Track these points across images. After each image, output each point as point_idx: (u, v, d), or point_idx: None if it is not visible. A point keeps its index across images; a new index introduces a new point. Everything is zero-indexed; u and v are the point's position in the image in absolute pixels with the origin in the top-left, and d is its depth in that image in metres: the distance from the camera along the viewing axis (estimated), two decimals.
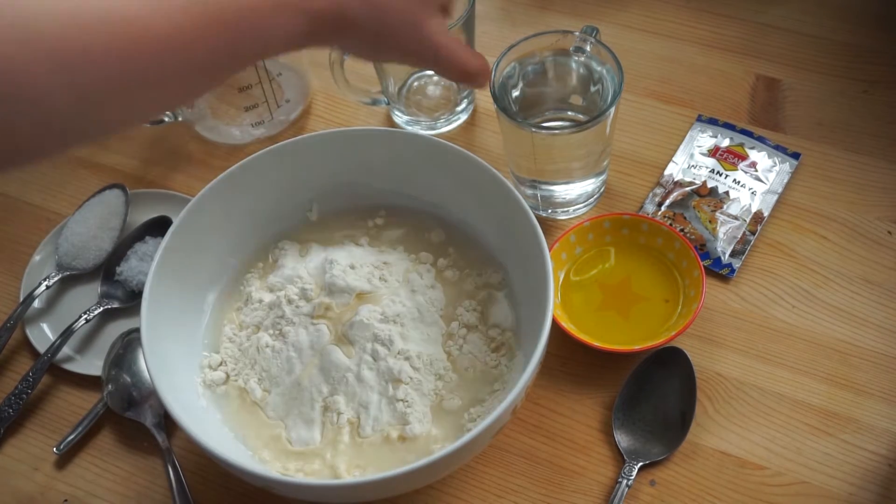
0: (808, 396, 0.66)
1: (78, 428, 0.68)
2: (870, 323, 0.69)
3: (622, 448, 0.64)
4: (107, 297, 0.74)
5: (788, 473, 0.63)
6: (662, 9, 0.89)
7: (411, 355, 0.63)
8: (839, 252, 0.73)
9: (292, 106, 0.84)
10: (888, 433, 0.64)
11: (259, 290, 0.68)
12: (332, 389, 0.62)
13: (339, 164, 0.70)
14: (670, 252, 0.70)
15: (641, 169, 0.79)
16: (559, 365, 0.69)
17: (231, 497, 0.65)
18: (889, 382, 0.66)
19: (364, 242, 0.71)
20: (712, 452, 0.64)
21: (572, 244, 0.71)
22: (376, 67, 0.79)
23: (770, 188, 0.76)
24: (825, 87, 0.82)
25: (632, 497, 0.63)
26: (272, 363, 0.64)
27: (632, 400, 0.66)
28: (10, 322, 0.72)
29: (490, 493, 0.64)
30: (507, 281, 0.67)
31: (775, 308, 0.70)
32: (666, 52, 0.86)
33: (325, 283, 0.65)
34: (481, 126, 0.83)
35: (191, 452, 0.67)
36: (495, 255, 0.68)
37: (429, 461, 0.53)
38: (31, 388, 0.69)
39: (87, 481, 0.67)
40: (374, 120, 0.84)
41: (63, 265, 0.75)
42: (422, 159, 0.68)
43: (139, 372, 0.68)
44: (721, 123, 0.80)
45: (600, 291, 0.70)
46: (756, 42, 0.86)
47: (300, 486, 0.55)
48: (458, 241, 0.70)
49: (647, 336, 0.67)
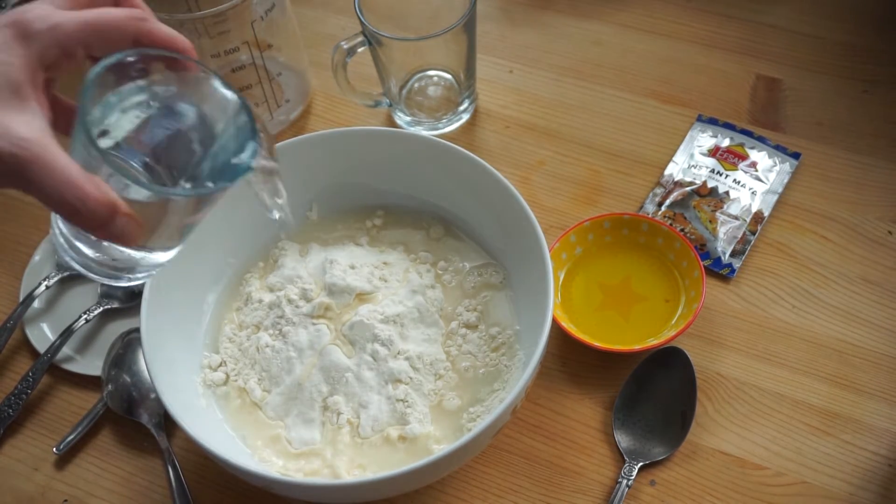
0: (809, 396, 0.66)
1: (78, 428, 0.68)
2: (870, 323, 0.69)
3: (622, 448, 0.64)
4: (107, 297, 0.74)
5: (789, 473, 0.63)
6: (662, 9, 0.89)
7: (411, 355, 0.63)
8: (839, 252, 0.73)
9: (292, 106, 0.84)
10: (888, 433, 0.64)
11: (259, 290, 0.68)
12: (332, 389, 0.62)
13: (339, 164, 0.70)
14: (670, 252, 0.70)
15: (641, 169, 0.79)
16: (559, 365, 0.69)
17: (231, 497, 0.65)
18: (889, 382, 0.66)
19: (364, 242, 0.71)
20: (712, 452, 0.64)
21: (572, 244, 0.71)
22: (378, 68, 0.79)
23: (770, 188, 0.76)
24: (825, 87, 0.82)
25: (632, 497, 0.63)
26: (272, 363, 0.63)
27: (632, 400, 0.66)
28: (10, 322, 0.72)
29: (490, 493, 0.64)
30: (508, 281, 0.67)
31: (775, 308, 0.70)
32: (666, 52, 0.86)
33: (325, 283, 0.65)
34: (482, 126, 0.83)
35: (191, 452, 0.67)
36: (495, 255, 0.69)
37: (429, 461, 0.53)
38: (31, 388, 0.69)
39: (87, 481, 0.67)
40: (375, 120, 0.84)
41: (63, 265, 0.75)
42: (422, 159, 0.68)
43: (139, 372, 0.68)
44: (721, 123, 0.80)
45: (600, 291, 0.70)
46: (756, 42, 0.86)
47: (300, 486, 0.55)
48: (458, 241, 0.70)
49: (647, 336, 0.67)
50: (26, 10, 0.42)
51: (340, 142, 0.69)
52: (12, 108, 0.40)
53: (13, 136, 0.39)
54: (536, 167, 0.80)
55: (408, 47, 0.76)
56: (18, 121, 0.39)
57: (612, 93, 0.84)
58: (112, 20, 0.43)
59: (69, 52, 0.43)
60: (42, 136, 0.40)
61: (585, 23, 0.89)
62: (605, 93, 0.84)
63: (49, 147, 0.39)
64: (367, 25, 0.74)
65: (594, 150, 0.80)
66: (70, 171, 0.39)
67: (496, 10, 0.91)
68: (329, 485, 0.56)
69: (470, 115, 0.83)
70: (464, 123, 0.83)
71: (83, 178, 0.40)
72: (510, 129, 0.82)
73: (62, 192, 0.39)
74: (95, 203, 0.40)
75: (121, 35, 0.44)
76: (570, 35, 0.89)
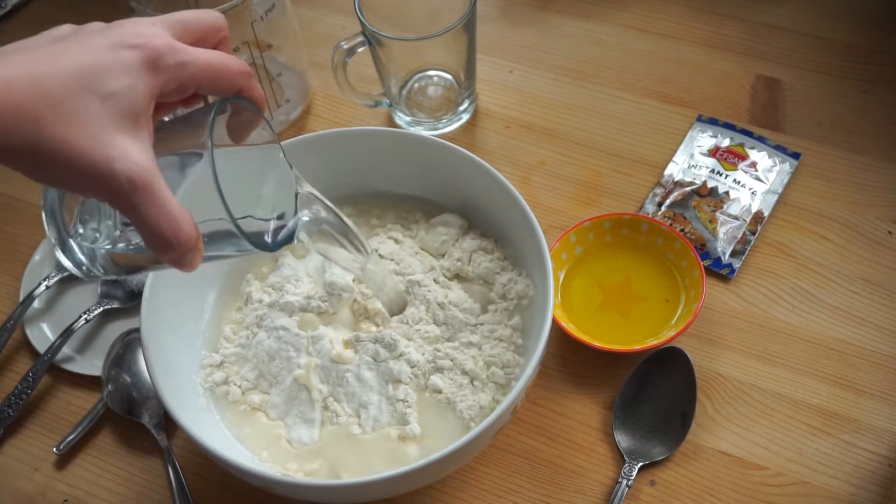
0: (808, 396, 0.66)
1: (78, 428, 0.68)
2: (870, 323, 0.69)
3: (622, 448, 0.64)
4: (107, 297, 0.74)
5: (789, 473, 0.63)
6: (662, 9, 0.89)
7: (412, 356, 0.63)
8: (839, 252, 0.73)
9: (292, 106, 0.84)
10: (888, 433, 0.64)
11: (259, 291, 0.68)
12: (332, 389, 0.62)
13: (339, 164, 0.70)
14: (670, 252, 0.70)
15: (641, 169, 0.79)
16: (559, 365, 0.69)
17: (231, 497, 0.65)
18: (889, 382, 0.66)
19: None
20: (712, 452, 0.64)
21: (572, 244, 0.71)
22: (378, 68, 0.79)
23: (770, 188, 0.76)
24: (825, 87, 0.82)
25: (632, 497, 0.63)
26: (272, 363, 0.63)
27: (632, 400, 0.66)
28: (10, 322, 0.72)
29: (490, 493, 0.64)
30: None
31: (775, 308, 0.70)
32: (666, 52, 0.86)
33: (324, 281, 0.65)
34: (482, 126, 0.83)
35: (191, 452, 0.67)
36: (507, 267, 0.68)
37: (429, 461, 0.53)
38: (31, 388, 0.69)
39: (87, 481, 0.67)
40: (375, 120, 0.84)
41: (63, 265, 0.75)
42: (422, 159, 0.68)
43: (139, 372, 0.68)
44: (721, 123, 0.80)
45: (600, 291, 0.70)
46: (756, 42, 0.86)
47: (300, 486, 0.55)
48: (457, 240, 0.70)
49: (647, 336, 0.67)
50: (153, 35, 0.43)
51: (340, 142, 0.69)
52: (130, 134, 0.41)
53: (130, 159, 0.40)
54: (536, 167, 0.80)
55: (408, 47, 0.76)
56: (134, 146, 0.41)
57: (612, 93, 0.84)
58: (230, 72, 0.47)
59: (184, 90, 0.45)
60: (151, 165, 0.41)
61: (585, 23, 0.89)
62: (605, 93, 0.84)
63: (157, 177, 0.41)
64: (367, 25, 0.74)
65: (594, 150, 0.80)
66: (172, 204, 0.42)
67: (496, 10, 0.91)
68: (329, 485, 0.56)
69: (470, 115, 0.83)
70: (464, 123, 0.83)
71: (181, 214, 0.42)
72: (510, 129, 0.82)
73: (160, 223, 0.41)
74: (186, 238, 0.42)
75: (231, 86, 0.47)
76: (570, 35, 0.89)
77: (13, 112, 0.39)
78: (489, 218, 0.68)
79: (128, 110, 0.41)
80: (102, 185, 0.41)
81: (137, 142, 0.41)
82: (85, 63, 0.41)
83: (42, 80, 0.40)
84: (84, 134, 0.40)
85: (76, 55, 0.41)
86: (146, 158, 0.41)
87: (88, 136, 0.40)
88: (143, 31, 0.43)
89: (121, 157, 0.40)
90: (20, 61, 0.40)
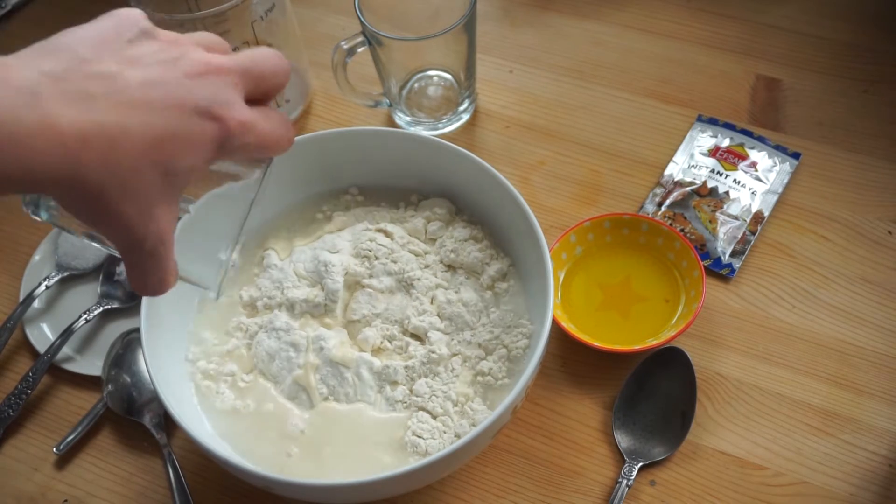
0: (809, 396, 0.66)
1: (78, 428, 0.68)
2: (870, 323, 0.69)
3: (622, 448, 0.64)
4: (107, 297, 0.74)
5: (789, 473, 0.63)
6: (662, 9, 0.89)
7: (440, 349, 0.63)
8: (839, 252, 0.73)
9: (292, 106, 0.84)
10: (888, 433, 0.64)
11: (259, 290, 0.68)
12: (332, 389, 0.62)
13: (339, 164, 0.70)
14: (670, 252, 0.70)
15: (641, 169, 0.79)
16: (559, 365, 0.69)
17: (231, 497, 0.65)
18: (889, 382, 0.66)
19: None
20: (712, 452, 0.64)
21: (572, 244, 0.71)
22: (378, 68, 0.79)
23: (770, 188, 0.76)
24: (825, 87, 0.82)
25: (632, 497, 0.63)
26: (272, 363, 0.63)
27: (632, 400, 0.66)
28: (10, 322, 0.72)
29: (490, 493, 0.64)
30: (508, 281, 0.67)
31: (775, 308, 0.70)
32: (666, 52, 0.86)
33: (323, 284, 0.65)
34: (482, 126, 0.83)
35: (191, 452, 0.67)
36: (495, 255, 0.68)
37: (429, 461, 0.53)
38: (31, 388, 0.69)
39: (87, 481, 0.67)
40: (375, 120, 0.84)
41: (63, 265, 0.75)
42: (422, 159, 0.68)
43: (139, 372, 0.68)
44: (721, 123, 0.80)
45: (600, 291, 0.70)
46: (756, 42, 0.86)
47: (300, 486, 0.55)
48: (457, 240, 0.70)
49: (647, 336, 0.67)
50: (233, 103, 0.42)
51: (340, 142, 0.69)
52: (170, 203, 0.42)
53: (161, 229, 0.42)
54: (536, 167, 0.80)
55: (408, 47, 0.76)
56: (168, 216, 0.42)
57: (612, 93, 0.84)
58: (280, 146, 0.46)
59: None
60: (171, 232, 0.43)
61: (585, 23, 0.89)
62: (605, 93, 0.84)
63: (172, 243, 0.43)
64: (367, 25, 0.74)
65: (594, 150, 0.80)
66: (171, 267, 0.44)
67: (496, 10, 0.91)
68: (329, 485, 0.55)
69: (470, 115, 0.83)
70: (464, 123, 0.83)
71: (174, 272, 0.45)
72: (510, 129, 0.82)
73: (153, 279, 0.44)
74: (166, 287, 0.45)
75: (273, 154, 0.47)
76: (570, 35, 0.89)
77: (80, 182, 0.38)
78: (489, 218, 0.68)
79: (181, 186, 0.42)
80: (126, 245, 0.42)
81: (172, 209, 0.42)
82: (166, 130, 0.40)
83: (117, 147, 0.39)
84: (135, 206, 0.40)
85: (159, 110, 0.40)
86: (172, 226, 0.43)
87: (137, 209, 0.40)
88: (227, 98, 0.42)
89: (155, 231, 0.41)
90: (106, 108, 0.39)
